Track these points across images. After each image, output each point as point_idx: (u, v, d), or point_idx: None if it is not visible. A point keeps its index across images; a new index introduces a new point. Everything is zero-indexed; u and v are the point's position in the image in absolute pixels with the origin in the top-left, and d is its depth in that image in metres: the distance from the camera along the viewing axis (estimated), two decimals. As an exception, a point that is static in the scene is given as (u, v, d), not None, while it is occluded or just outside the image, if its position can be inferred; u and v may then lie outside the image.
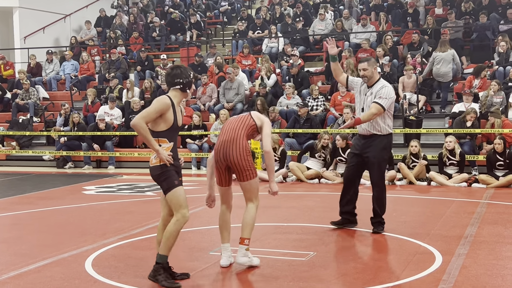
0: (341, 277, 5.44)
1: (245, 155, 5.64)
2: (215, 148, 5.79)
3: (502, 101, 13.30)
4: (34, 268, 5.86)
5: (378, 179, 7.32)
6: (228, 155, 5.64)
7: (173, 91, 5.34)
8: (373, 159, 7.20)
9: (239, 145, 5.64)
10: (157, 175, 5.23)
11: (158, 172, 5.22)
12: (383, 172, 7.45)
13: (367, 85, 7.30)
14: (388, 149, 7.39)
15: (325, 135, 12.27)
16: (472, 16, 17.50)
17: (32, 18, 21.55)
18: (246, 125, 5.76)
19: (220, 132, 5.85)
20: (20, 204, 9.97)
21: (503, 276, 5.42)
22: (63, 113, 16.18)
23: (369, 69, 7.22)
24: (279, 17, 20.20)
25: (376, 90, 7.15)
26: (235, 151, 5.62)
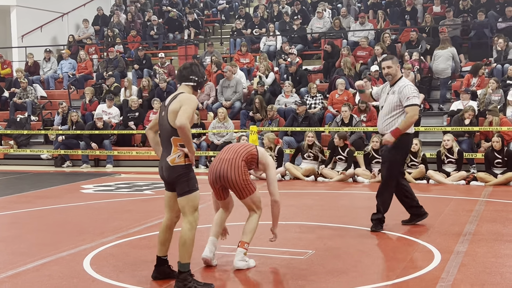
0: (339, 275, 5.44)
1: (242, 174, 5.55)
2: (210, 168, 5.72)
3: (500, 99, 13.29)
4: (33, 267, 5.85)
5: (386, 177, 7.36)
6: (224, 175, 5.55)
7: (186, 87, 5.17)
8: (384, 158, 7.29)
9: (236, 165, 5.56)
10: (180, 175, 5.03)
11: (181, 172, 5.03)
12: (392, 172, 7.31)
13: (390, 84, 7.34)
14: (401, 149, 7.25)
15: (309, 133, 12.27)
16: (470, 14, 17.50)
17: (30, 16, 21.50)
18: (247, 151, 5.68)
19: (219, 154, 5.78)
20: (18, 203, 9.95)
21: (502, 273, 5.42)
22: (61, 112, 16.15)
23: (393, 67, 7.28)
24: (277, 15, 20.18)
25: (399, 90, 7.16)
26: (232, 170, 5.53)
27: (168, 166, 5.06)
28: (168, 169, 5.06)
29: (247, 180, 5.58)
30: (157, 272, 5.32)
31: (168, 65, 17.91)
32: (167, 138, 5.08)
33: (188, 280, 4.97)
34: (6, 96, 18.20)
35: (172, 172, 5.05)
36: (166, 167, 5.08)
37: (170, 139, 5.06)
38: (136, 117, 15.64)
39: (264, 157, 5.75)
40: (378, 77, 14.87)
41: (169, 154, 5.07)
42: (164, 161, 5.11)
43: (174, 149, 5.05)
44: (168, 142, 5.08)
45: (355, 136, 12.98)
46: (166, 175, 5.11)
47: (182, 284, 4.96)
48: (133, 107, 15.76)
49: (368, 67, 15.48)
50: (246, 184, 5.57)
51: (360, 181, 11.60)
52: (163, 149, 5.19)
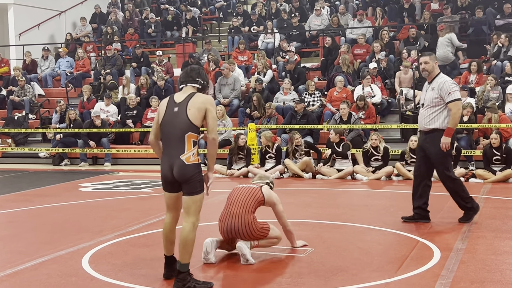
0: (339, 273, 5.42)
1: (254, 229, 5.79)
2: (220, 219, 5.89)
3: (499, 96, 13.29)
4: (31, 266, 5.83)
5: (443, 174, 7.36)
6: (236, 231, 5.77)
7: (191, 88, 5.13)
8: (434, 155, 7.27)
9: (247, 221, 5.75)
10: (194, 174, 4.94)
11: (196, 171, 4.95)
12: (447, 166, 7.35)
13: (428, 81, 7.38)
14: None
15: (295, 135, 12.24)
16: (468, 11, 17.49)
17: (27, 14, 21.45)
18: (255, 200, 5.88)
19: (227, 201, 5.94)
20: (16, 201, 9.93)
21: (501, 271, 5.41)
22: (59, 110, 16.12)
23: (430, 63, 7.32)
24: (275, 12, 20.16)
25: (438, 86, 7.21)
26: (243, 227, 5.76)
27: (183, 164, 4.93)
28: (183, 167, 4.93)
29: (259, 229, 5.83)
30: (171, 270, 5.25)
31: (166, 63, 17.88)
32: (181, 134, 4.94)
33: (187, 279, 4.94)
34: (4, 95, 18.16)
35: (186, 170, 4.93)
36: (180, 165, 4.93)
37: (185, 135, 4.94)
38: (134, 115, 15.61)
39: (270, 198, 5.97)
40: (377, 75, 14.87)
41: (182, 152, 4.94)
42: (177, 159, 4.94)
43: (188, 146, 4.95)
44: (181, 139, 4.94)
45: (353, 134, 12.97)
46: (178, 174, 4.95)
47: (181, 284, 4.93)
48: (131, 105, 15.73)
49: (367, 65, 15.47)
50: (259, 233, 5.84)
51: (359, 178, 11.59)
52: (171, 147, 5.02)
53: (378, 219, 7.83)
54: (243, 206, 5.81)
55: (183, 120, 4.96)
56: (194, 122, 4.95)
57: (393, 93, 14.92)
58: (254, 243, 5.85)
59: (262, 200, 5.90)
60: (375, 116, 13.68)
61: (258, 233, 5.82)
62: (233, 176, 12.27)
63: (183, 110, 4.98)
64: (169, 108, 5.07)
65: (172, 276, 5.23)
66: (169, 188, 5.12)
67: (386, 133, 13.95)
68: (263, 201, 5.91)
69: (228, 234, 5.82)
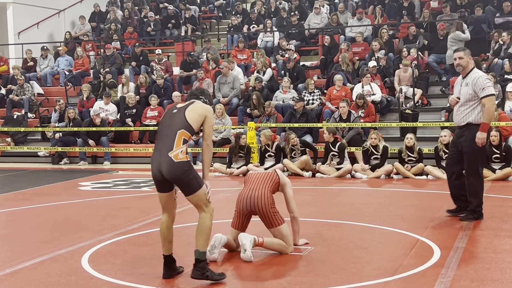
0: (339, 271, 5.42)
1: (270, 205, 5.89)
2: (240, 196, 6.01)
3: (498, 94, 13.26)
4: (30, 265, 5.82)
5: (470, 170, 7.39)
6: (254, 201, 5.89)
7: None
8: (466, 149, 7.32)
9: (265, 194, 5.90)
10: (185, 172, 4.98)
11: (186, 168, 4.99)
12: (476, 163, 7.37)
13: (462, 76, 7.45)
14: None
15: (291, 135, 12.24)
16: (467, 9, 17.48)
17: (26, 13, 21.44)
18: (272, 180, 6.08)
19: (246, 182, 6.15)
20: (16, 200, 9.92)
21: (501, 269, 5.41)
22: (58, 109, 16.10)
23: (465, 58, 7.42)
24: (274, 11, 20.14)
25: (472, 81, 7.27)
26: (262, 198, 5.89)
27: (171, 161, 4.96)
28: (171, 164, 4.95)
29: (276, 211, 5.92)
30: (170, 270, 5.28)
31: (165, 61, 17.87)
32: (173, 131, 5.02)
33: (206, 269, 5.05)
34: (3, 93, 18.16)
35: (176, 168, 4.96)
36: (168, 162, 4.96)
37: (177, 132, 5.02)
38: (134, 114, 15.61)
39: (283, 179, 6.19)
40: (376, 73, 14.86)
41: (171, 149, 4.98)
42: (165, 156, 4.98)
43: (177, 142, 5.00)
44: (172, 136, 5.01)
45: (353, 132, 12.96)
46: (167, 171, 4.97)
47: (201, 273, 5.03)
48: (131, 103, 15.72)
49: (366, 63, 15.46)
50: (274, 214, 5.91)
51: (359, 177, 11.59)
52: (160, 145, 5.10)
53: (378, 217, 7.83)
54: (262, 182, 6.03)
55: (180, 118, 5.09)
56: (190, 122, 5.08)
57: (392, 91, 14.91)
58: (258, 240, 5.80)
59: (278, 182, 6.09)
60: (374, 114, 13.68)
61: (272, 214, 5.87)
62: (233, 174, 12.26)
63: (182, 111, 5.16)
64: (169, 111, 5.33)
65: (172, 276, 5.25)
66: (161, 188, 5.20)
67: (386, 132, 13.94)
68: (279, 183, 6.10)
69: (247, 206, 5.90)
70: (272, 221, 5.89)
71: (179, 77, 17.08)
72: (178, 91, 16.27)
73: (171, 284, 5.16)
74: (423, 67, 15.68)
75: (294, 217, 6.23)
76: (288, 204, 6.19)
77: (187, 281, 5.23)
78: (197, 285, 5.15)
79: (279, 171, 6.31)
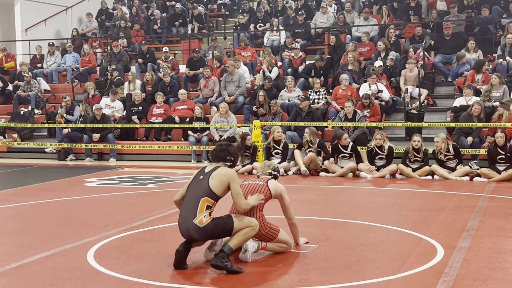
0: (342, 269, 5.44)
1: (262, 227, 5.77)
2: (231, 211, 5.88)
3: (504, 95, 13.23)
4: (36, 259, 5.87)
5: None
6: None
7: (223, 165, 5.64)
8: None
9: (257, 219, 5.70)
10: (213, 231, 5.41)
11: (212, 227, 5.39)
12: None
13: None
14: None
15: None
16: (474, 10, 17.45)
17: (34, 10, 21.52)
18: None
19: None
20: (22, 196, 9.98)
21: (505, 269, 5.43)
22: (64, 105, 16.16)
23: None
24: (280, 10, 20.16)
25: None
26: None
27: (198, 228, 5.37)
28: (198, 230, 5.38)
29: (267, 228, 5.84)
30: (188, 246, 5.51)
31: (172, 59, 17.91)
32: (197, 198, 5.42)
33: (225, 259, 5.30)
34: (10, 90, 18.22)
35: (204, 232, 5.39)
36: (195, 229, 5.38)
37: (200, 199, 5.40)
38: (140, 111, 15.65)
39: (277, 191, 5.96)
40: (382, 73, 14.86)
41: (195, 216, 5.38)
42: (191, 223, 5.38)
43: (200, 209, 5.39)
44: (196, 202, 5.41)
45: (358, 132, 12.97)
46: (198, 236, 5.43)
47: (220, 261, 5.28)
48: (137, 101, 15.76)
49: (372, 63, 15.46)
50: (267, 231, 5.84)
51: (363, 176, 11.60)
52: (186, 208, 5.48)
53: (382, 216, 7.85)
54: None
55: (204, 186, 5.46)
56: (213, 189, 5.42)
57: (398, 91, 14.91)
58: (262, 245, 5.84)
59: (270, 196, 5.90)
60: (380, 114, 13.68)
61: (266, 232, 5.80)
62: (238, 172, 12.28)
63: (206, 178, 5.49)
64: (197, 176, 5.62)
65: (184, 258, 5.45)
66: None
67: (391, 131, 13.95)
68: (270, 196, 5.91)
69: None
70: (269, 236, 5.84)
71: (185, 75, 17.12)
72: (184, 89, 16.31)
73: (176, 279, 5.19)
74: (429, 68, 15.67)
75: (292, 223, 6.12)
76: (286, 212, 6.06)
77: (192, 277, 5.27)
78: (200, 281, 5.20)
79: (271, 182, 6.00)
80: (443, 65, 15.71)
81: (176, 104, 15.52)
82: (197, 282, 5.16)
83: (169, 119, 15.05)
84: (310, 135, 12.15)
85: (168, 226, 7.32)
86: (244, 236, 5.45)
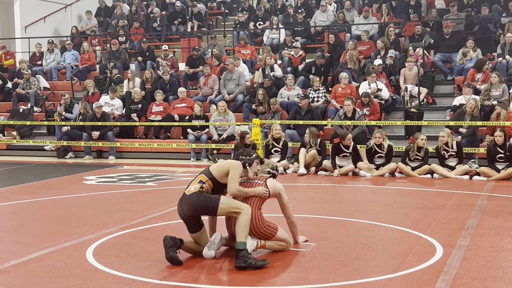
0: (342, 268, 5.45)
1: (260, 224, 5.79)
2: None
3: (503, 93, 13.22)
4: (35, 257, 5.87)
5: None
6: None
7: None
8: None
9: (255, 218, 5.73)
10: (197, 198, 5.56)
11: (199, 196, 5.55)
12: None
13: None
14: None
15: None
16: (474, 9, 17.45)
17: (33, 7, 21.50)
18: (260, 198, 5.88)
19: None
20: (21, 193, 9.97)
21: (504, 268, 5.43)
22: (63, 103, 16.15)
23: None
24: (280, 8, 20.15)
25: None
26: (252, 224, 5.72)
27: (185, 196, 5.64)
28: (184, 199, 5.62)
29: (265, 226, 5.83)
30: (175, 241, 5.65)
31: (171, 57, 17.90)
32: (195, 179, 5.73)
33: (247, 257, 5.36)
34: (9, 87, 18.21)
35: (188, 201, 5.58)
36: (183, 199, 5.64)
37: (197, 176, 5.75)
38: (139, 109, 15.64)
39: (275, 190, 5.96)
40: (382, 71, 14.86)
41: (187, 188, 5.66)
42: (183, 195, 5.68)
43: (193, 182, 5.69)
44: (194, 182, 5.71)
45: (357, 130, 12.96)
46: (184, 207, 5.61)
47: (243, 261, 5.34)
48: (136, 99, 15.75)
49: (372, 61, 15.46)
50: (265, 229, 5.83)
51: (362, 174, 11.60)
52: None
53: (381, 215, 7.85)
54: (248, 202, 5.77)
55: (205, 170, 5.78)
56: (211, 170, 5.71)
57: (397, 90, 14.91)
58: (260, 243, 5.83)
59: (268, 195, 5.89)
60: (379, 112, 13.67)
61: (264, 230, 5.80)
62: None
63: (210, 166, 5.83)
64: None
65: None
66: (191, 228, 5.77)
67: (390, 130, 13.95)
68: (269, 195, 5.91)
69: (234, 229, 5.76)
70: (267, 235, 5.83)
71: (185, 73, 17.11)
72: (184, 87, 16.31)
73: (175, 277, 5.19)
74: (429, 66, 15.66)
75: (291, 222, 6.14)
76: (285, 211, 6.06)
77: (190, 275, 5.27)
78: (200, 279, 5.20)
79: (270, 181, 5.98)
80: (443, 64, 15.71)
81: (176, 102, 15.51)
82: (196, 280, 5.16)
83: (169, 117, 15.04)
84: (310, 136, 12.16)
85: (167, 224, 7.32)
86: (244, 224, 5.48)
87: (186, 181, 5.66)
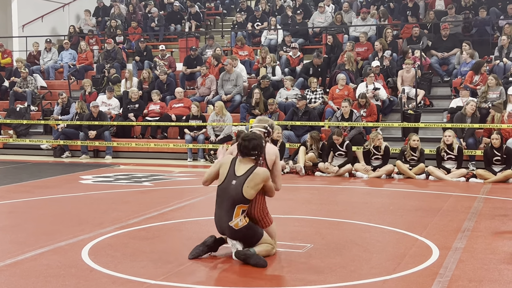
0: (338, 269, 5.44)
1: (260, 209, 5.82)
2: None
3: (499, 96, 13.23)
4: (31, 256, 5.85)
5: None
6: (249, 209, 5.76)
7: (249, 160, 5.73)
8: None
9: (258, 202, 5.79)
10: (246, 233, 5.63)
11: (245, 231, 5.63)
12: None
13: None
14: None
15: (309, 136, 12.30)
16: (472, 11, 17.47)
17: (31, 6, 21.46)
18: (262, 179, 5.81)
19: None
20: (17, 192, 9.95)
21: (499, 270, 5.43)
22: (61, 102, 16.12)
23: None
24: (278, 9, 20.15)
25: None
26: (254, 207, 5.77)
27: (233, 229, 5.61)
28: (232, 231, 5.62)
29: (265, 214, 5.86)
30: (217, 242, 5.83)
31: (169, 57, 17.88)
32: (232, 204, 5.59)
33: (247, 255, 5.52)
34: (6, 86, 18.17)
35: (238, 233, 5.62)
36: (230, 230, 5.63)
37: (235, 206, 5.59)
38: (136, 109, 15.62)
39: (272, 156, 5.91)
40: (379, 73, 14.86)
41: (230, 219, 5.59)
42: (226, 224, 5.62)
43: (236, 214, 5.59)
44: (231, 207, 5.60)
45: (354, 131, 12.97)
46: (231, 236, 5.66)
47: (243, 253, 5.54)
48: (133, 98, 15.73)
49: (369, 63, 15.46)
50: (263, 218, 5.86)
51: (359, 176, 11.60)
52: (221, 210, 5.67)
53: (378, 216, 7.85)
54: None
55: (238, 194, 5.58)
56: (247, 197, 5.59)
57: (395, 91, 14.92)
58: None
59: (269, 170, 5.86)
60: (376, 114, 13.67)
61: (262, 217, 5.80)
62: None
63: (240, 185, 5.59)
64: (228, 179, 5.68)
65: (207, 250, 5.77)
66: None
67: (387, 132, 13.95)
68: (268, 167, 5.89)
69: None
70: (261, 222, 5.82)
71: (182, 73, 17.10)
72: (181, 87, 16.29)
73: (171, 278, 5.18)
74: (426, 68, 15.68)
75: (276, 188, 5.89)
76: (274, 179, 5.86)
77: (186, 275, 5.26)
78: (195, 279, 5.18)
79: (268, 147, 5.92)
80: (440, 66, 15.73)
81: (173, 102, 15.50)
82: (192, 281, 5.14)
83: (166, 117, 15.03)
84: (312, 141, 12.17)
85: (163, 224, 7.31)
86: (267, 248, 5.71)
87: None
